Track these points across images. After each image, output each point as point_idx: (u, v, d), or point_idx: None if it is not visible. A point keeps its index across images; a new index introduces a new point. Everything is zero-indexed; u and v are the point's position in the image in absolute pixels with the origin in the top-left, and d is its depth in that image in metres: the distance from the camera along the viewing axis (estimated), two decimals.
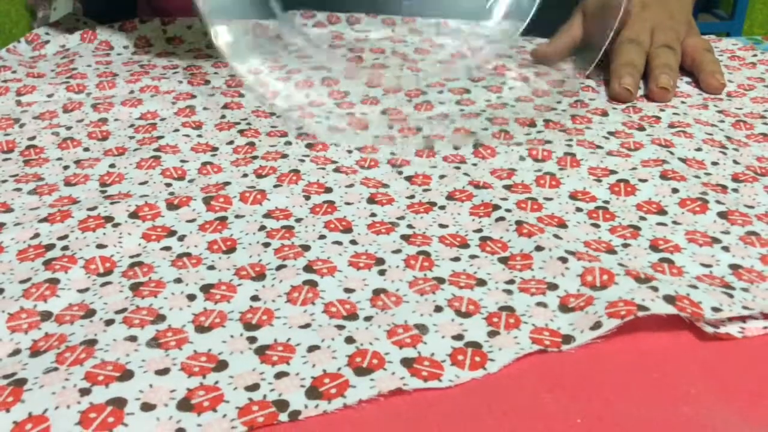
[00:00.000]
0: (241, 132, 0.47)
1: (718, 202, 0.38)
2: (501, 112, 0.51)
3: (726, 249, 0.35)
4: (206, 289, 0.32)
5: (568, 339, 0.29)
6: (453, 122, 0.50)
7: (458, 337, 0.29)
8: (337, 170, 0.42)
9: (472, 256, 0.34)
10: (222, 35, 0.50)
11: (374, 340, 0.29)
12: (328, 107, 0.52)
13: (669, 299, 0.30)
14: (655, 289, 0.30)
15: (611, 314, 0.29)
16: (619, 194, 0.40)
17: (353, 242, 0.35)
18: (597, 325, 0.29)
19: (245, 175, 0.42)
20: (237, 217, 0.37)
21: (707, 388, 0.27)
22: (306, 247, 0.35)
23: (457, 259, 0.34)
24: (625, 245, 0.35)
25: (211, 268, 0.33)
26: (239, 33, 0.54)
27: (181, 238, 0.36)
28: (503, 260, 0.34)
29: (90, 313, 0.30)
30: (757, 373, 0.28)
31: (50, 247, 0.35)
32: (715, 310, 0.30)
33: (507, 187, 0.40)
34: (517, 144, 0.45)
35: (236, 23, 0.53)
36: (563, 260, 0.33)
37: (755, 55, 0.61)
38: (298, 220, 0.37)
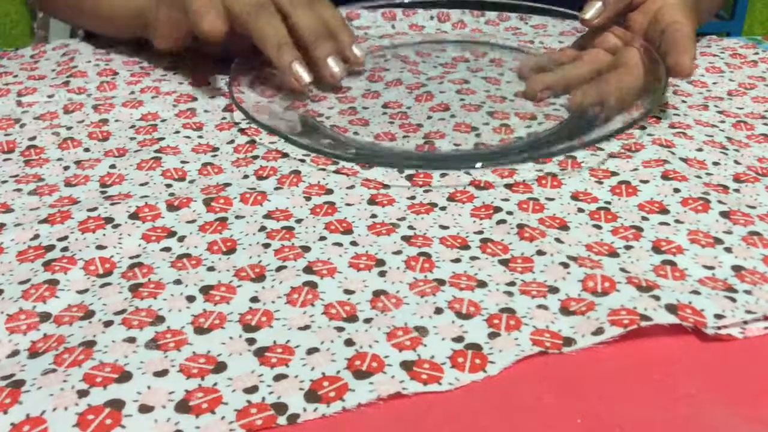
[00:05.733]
0: (241, 131, 0.47)
1: (720, 202, 0.38)
2: (501, 106, 0.51)
3: (728, 250, 0.35)
4: (206, 290, 0.32)
5: (569, 342, 0.29)
6: (453, 116, 0.50)
7: (458, 339, 0.29)
8: (337, 171, 0.42)
9: (473, 258, 0.34)
10: None
11: (374, 342, 0.29)
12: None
13: (671, 308, 0.30)
14: (657, 298, 0.30)
15: (613, 321, 0.29)
16: (621, 195, 0.39)
17: (353, 243, 0.35)
18: (599, 331, 0.29)
19: (246, 176, 0.42)
20: (237, 217, 0.37)
21: (708, 389, 0.27)
22: (306, 248, 0.35)
23: (457, 260, 0.34)
24: (628, 247, 0.35)
25: (210, 269, 0.33)
26: None
27: (181, 239, 0.36)
28: (504, 262, 0.34)
29: (89, 315, 0.30)
30: (757, 374, 0.28)
31: (50, 248, 0.35)
32: (718, 317, 0.30)
33: (508, 187, 0.40)
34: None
35: None
36: (565, 265, 0.33)
37: (757, 53, 0.61)
38: (299, 221, 0.37)
